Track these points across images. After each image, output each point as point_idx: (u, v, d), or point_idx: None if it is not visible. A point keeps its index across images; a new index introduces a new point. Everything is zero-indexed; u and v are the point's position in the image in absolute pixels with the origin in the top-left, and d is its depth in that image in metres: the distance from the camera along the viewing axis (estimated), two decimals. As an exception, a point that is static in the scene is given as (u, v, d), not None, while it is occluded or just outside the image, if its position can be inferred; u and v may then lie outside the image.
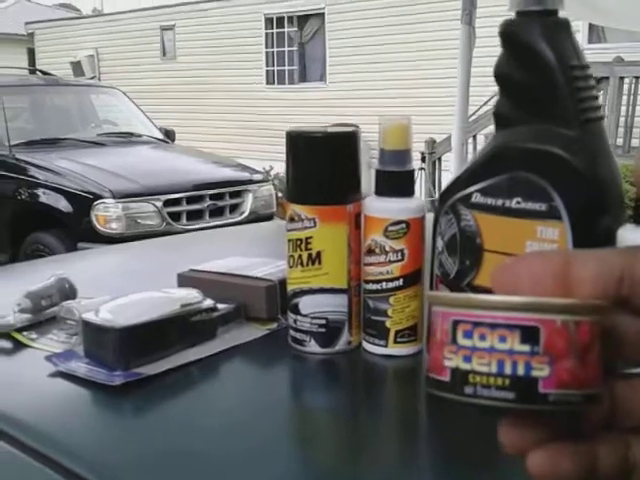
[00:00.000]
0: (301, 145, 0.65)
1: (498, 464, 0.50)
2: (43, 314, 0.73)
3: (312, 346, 0.65)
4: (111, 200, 3.98)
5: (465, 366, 0.25)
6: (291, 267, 0.65)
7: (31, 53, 13.52)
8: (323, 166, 0.63)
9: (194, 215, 4.20)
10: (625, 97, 5.68)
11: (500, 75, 0.54)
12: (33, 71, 7.15)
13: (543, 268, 0.26)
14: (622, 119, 5.62)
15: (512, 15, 0.54)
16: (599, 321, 0.25)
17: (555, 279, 0.25)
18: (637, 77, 5.68)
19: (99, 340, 0.61)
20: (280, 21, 9.55)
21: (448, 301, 0.27)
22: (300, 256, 0.64)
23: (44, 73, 6.19)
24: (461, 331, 0.25)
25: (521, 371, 0.24)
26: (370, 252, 0.63)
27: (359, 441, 0.51)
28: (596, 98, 0.52)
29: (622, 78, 5.60)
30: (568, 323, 0.25)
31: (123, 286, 0.72)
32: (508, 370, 0.24)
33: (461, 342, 0.25)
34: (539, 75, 0.51)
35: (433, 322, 0.27)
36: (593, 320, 0.25)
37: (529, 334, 0.24)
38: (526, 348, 0.24)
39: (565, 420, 0.26)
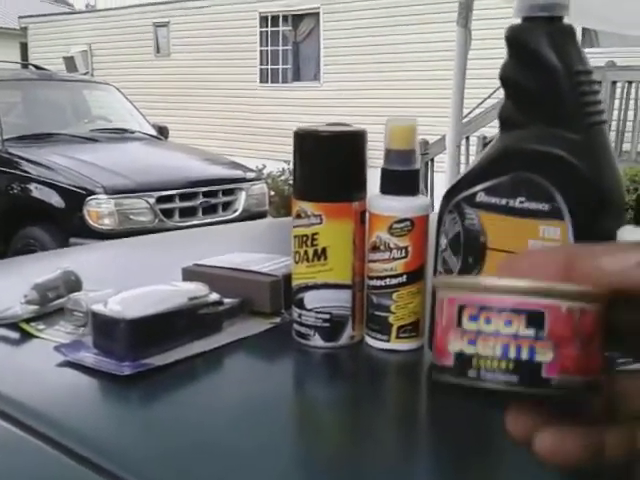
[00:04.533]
0: (309, 143, 0.66)
1: (499, 457, 0.52)
2: (49, 306, 0.74)
3: (316, 340, 0.66)
4: (103, 196, 3.97)
5: (469, 350, 0.25)
6: (297, 262, 0.66)
7: (24, 47, 13.47)
8: (330, 164, 0.65)
9: (187, 212, 4.20)
10: (617, 101, 5.72)
11: (506, 79, 0.56)
12: (26, 65, 7.12)
13: (547, 260, 0.26)
14: (614, 123, 5.66)
15: (517, 21, 0.55)
16: (602, 311, 0.26)
17: (558, 271, 0.26)
18: (629, 82, 5.72)
19: (108, 331, 0.62)
20: (275, 20, 9.56)
21: (455, 285, 0.27)
22: (306, 252, 0.65)
23: (37, 68, 6.17)
24: (467, 315, 0.26)
25: (525, 355, 0.25)
26: (375, 249, 0.64)
27: (362, 434, 0.53)
28: (599, 103, 0.54)
29: (614, 82, 5.64)
30: (573, 310, 0.25)
31: (126, 280, 0.73)
32: (512, 354, 0.25)
33: (466, 326, 0.26)
34: (544, 79, 0.53)
35: (439, 308, 0.27)
36: (597, 309, 0.25)
37: (534, 319, 0.25)
38: (531, 332, 0.25)
39: (570, 408, 0.27)
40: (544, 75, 0.53)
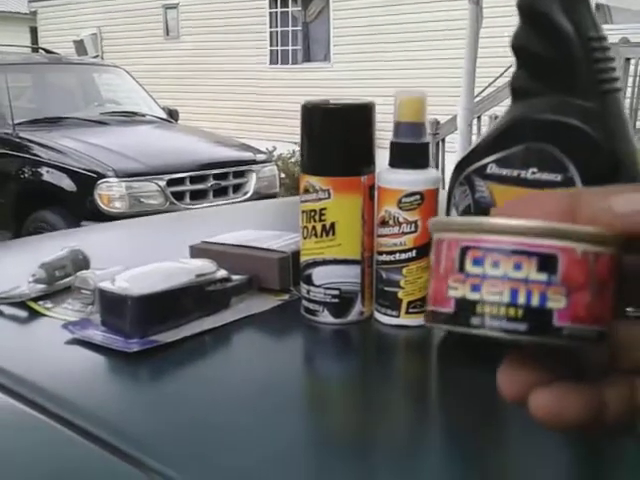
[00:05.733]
0: (316, 117, 0.65)
1: (511, 430, 0.51)
2: (57, 284, 0.73)
3: (325, 316, 0.65)
4: (114, 179, 3.97)
5: (473, 295, 0.23)
6: (305, 238, 0.65)
7: (34, 32, 13.45)
8: (338, 138, 0.64)
9: (198, 195, 4.20)
10: (631, 78, 5.65)
11: (518, 47, 0.54)
12: (36, 49, 7.11)
13: (551, 202, 0.24)
14: (627, 100, 5.59)
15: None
16: (618, 255, 0.24)
17: (563, 213, 0.24)
18: (643, 59, 5.64)
19: (116, 308, 0.61)
20: (284, 0, 9.48)
21: (457, 226, 0.24)
22: (314, 227, 0.64)
23: (47, 51, 6.16)
24: (470, 258, 0.23)
25: (536, 301, 0.23)
26: (384, 223, 0.63)
27: (371, 409, 0.52)
28: (613, 70, 0.52)
29: (628, 59, 5.56)
30: (588, 254, 0.23)
31: (134, 258, 0.72)
32: (522, 300, 0.23)
33: (470, 270, 0.23)
34: (557, 47, 0.52)
35: (437, 250, 0.25)
36: (612, 253, 0.23)
37: (547, 262, 0.23)
38: (543, 277, 0.23)
39: (567, 362, 0.25)
40: (557, 42, 0.52)
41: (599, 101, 0.51)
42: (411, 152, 0.62)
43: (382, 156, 0.64)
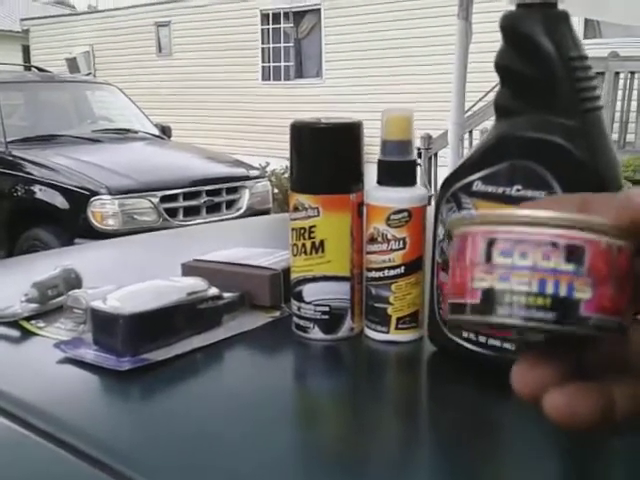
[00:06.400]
0: (305, 136, 0.66)
1: (501, 446, 0.51)
2: (50, 304, 0.74)
3: (315, 333, 0.66)
4: (107, 196, 3.98)
5: (501, 285, 0.24)
6: (295, 255, 0.66)
7: (26, 50, 13.48)
8: (327, 156, 0.65)
9: (191, 211, 4.21)
10: (620, 92, 5.70)
11: (501, 66, 0.55)
12: (28, 67, 7.13)
13: (564, 200, 0.26)
14: (617, 114, 5.63)
15: (512, 8, 0.55)
16: (634, 251, 0.24)
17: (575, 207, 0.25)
18: (632, 72, 5.70)
19: (107, 327, 0.62)
20: (276, 17, 9.54)
21: (484, 219, 0.25)
22: (304, 244, 0.65)
23: (40, 69, 6.17)
24: (498, 250, 0.24)
25: (564, 291, 0.23)
26: (372, 240, 0.64)
27: (361, 425, 0.53)
28: (595, 88, 0.54)
29: (617, 73, 5.62)
30: (612, 246, 0.24)
31: (127, 277, 0.73)
32: (550, 290, 0.23)
33: (498, 261, 0.24)
34: (539, 66, 0.53)
35: (460, 245, 0.25)
36: (631, 248, 0.24)
37: (574, 253, 0.23)
38: (570, 268, 0.23)
39: (576, 361, 0.26)
40: (539, 62, 0.53)
41: (581, 119, 0.52)
42: (398, 170, 0.63)
43: (374, 171, 0.65)
